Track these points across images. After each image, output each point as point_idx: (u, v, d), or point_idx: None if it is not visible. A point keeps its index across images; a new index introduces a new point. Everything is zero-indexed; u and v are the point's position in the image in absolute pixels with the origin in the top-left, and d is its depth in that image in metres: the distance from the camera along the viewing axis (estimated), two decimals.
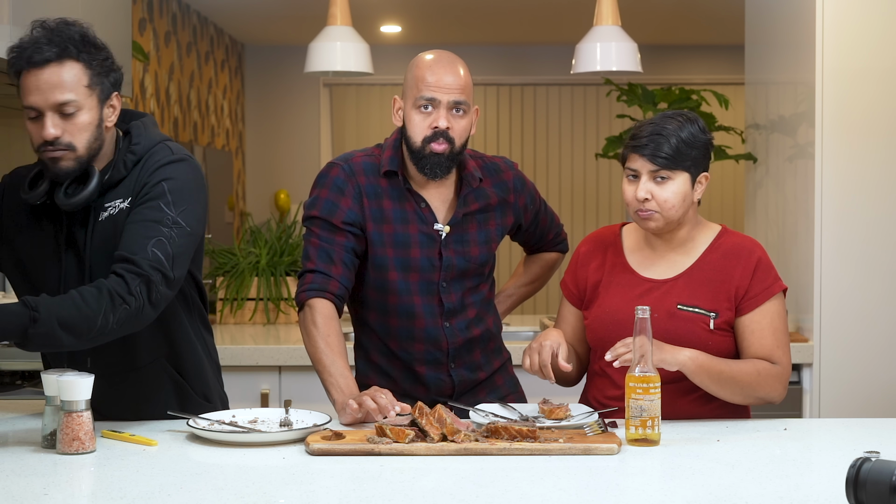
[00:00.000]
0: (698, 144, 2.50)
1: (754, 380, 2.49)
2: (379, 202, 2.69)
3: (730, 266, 2.54)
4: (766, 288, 2.53)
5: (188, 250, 2.38)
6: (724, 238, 2.59)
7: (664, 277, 2.57)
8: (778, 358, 2.52)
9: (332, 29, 4.35)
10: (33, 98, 2.30)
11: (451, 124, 2.61)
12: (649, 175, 2.48)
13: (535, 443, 2.23)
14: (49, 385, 2.28)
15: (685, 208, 2.51)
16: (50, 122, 2.30)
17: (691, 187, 2.51)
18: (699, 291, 2.53)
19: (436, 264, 2.71)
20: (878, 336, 3.86)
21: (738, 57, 5.02)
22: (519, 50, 8.08)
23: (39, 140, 2.33)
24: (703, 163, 2.52)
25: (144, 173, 2.39)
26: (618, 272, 2.61)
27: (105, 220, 2.40)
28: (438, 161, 2.62)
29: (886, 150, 3.85)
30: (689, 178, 2.50)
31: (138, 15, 5.50)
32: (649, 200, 2.48)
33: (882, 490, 1.68)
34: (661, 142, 2.47)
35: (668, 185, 2.48)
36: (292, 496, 1.95)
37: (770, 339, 2.52)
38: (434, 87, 2.60)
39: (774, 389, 2.52)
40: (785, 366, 2.53)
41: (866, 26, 3.84)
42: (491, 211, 2.78)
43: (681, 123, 2.50)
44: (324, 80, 7.87)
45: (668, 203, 2.48)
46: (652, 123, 2.51)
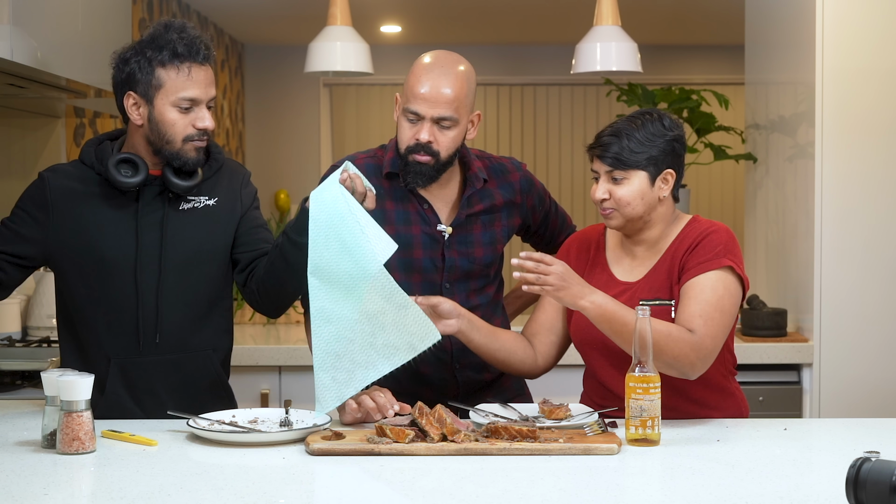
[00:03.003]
0: (658, 142, 2.51)
1: (662, 339, 2.36)
2: (381, 203, 2.68)
3: (682, 249, 2.54)
4: (703, 261, 2.49)
5: None
6: (688, 227, 2.59)
7: (635, 279, 2.59)
8: (696, 326, 2.42)
9: (332, 29, 4.35)
10: (193, 91, 2.52)
11: (434, 138, 2.60)
12: (606, 175, 2.53)
13: (535, 443, 2.23)
14: (49, 385, 2.28)
15: (645, 206, 2.53)
16: (207, 115, 2.54)
17: (650, 185, 2.52)
18: (659, 283, 2.54)
19: (438, 265, 2.70)
20: (878, 336, 3.86)
21: (738, 57, 5.02)
22: (519, 50, 8.08)
23: (192, 132, 2.53)
24: (665, 160, 2.52)
25: (237, 184, 2.68)
26: (597, 272, 2.64)
27: (187, 210, 2.60)
28: (420, 171, 2.62)
29: (886, 150, 3.85)
30: (648, 176, 2.51)
31: (138, 15, 5.50)
32: (608, 199, 2.53)
33: (882, 490, 1.68)
34: (614, 143, 2.51)
35: (624, 184, 2.51)
36: (292, 496, 1.95)
37: (694, 307, 2.44)
38: (420, 100, 2.59)
39: (685, 357, 2.39)
40: (701, 336, 2.41)
41: (866, 26, 3.84)
42: (496, 212, 2.78)
43: (641, 123, 2.52)
44: (324, 80, 7.87)
45: (623, 201, 2.51)
46: (611, 126, 2.55)
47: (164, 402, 2.56)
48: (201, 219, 2.60)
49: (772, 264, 4.34)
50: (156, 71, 2.50)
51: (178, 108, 2.51)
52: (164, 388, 2.60)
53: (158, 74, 2.50)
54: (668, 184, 2.54)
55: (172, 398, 2.58)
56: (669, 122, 2.55)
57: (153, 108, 2.51)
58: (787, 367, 3.91)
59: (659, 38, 7.54)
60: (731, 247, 2.53)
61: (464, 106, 2.61)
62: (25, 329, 3.72)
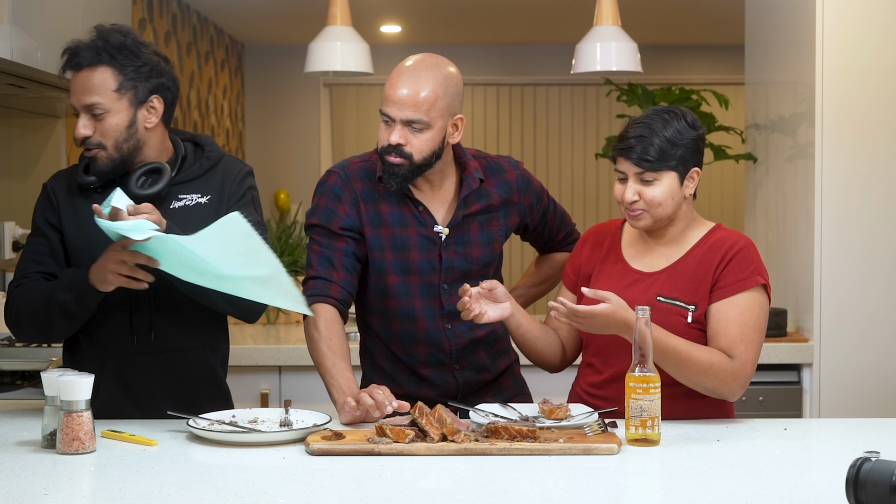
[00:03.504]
0: (685, 141, 2.51)
1: (704, 370, 2.43)
2: (376, 207, 2.69)
3: (711, 258, 2.54)
4: (740, 279, 2.50)
5: None
6: (714, 233, 2.59)
7: (651, 270, 2.58)
8: (738, 353, 2.46)
9: (332, 29, 4.35)
10: (71, 98, 2.53)
11: (405, 140, 2.60)
12: (636, 177, 2.51)
13: (535, 443, 2.23)
14: (49, 385, 2.28)
15: (675, 206, 2.53)
16: (81, 123, 2.52)
17: (680, 185, 2.52)
18: (681, 284, 2.54)
19: (436, 266, 2.71)
20: (878, 336, 3.85)
21: (738, 57, 5.02)
22: (519, 50, 8.08)
23: (78, 138, 2.53)
24: (692, 159, 2.52)
25: (230, 181, 2.65)
26: (611, 262, 2.64)
27: (178, 210, 2.58)
28: (394, 171, 2.62)
29: (886, 149, 3.85)
30: (677, 176, 2.51)
31: (138, 15, 5.50)
32: (637, 201, 2.51)
33: (882, 490, 1.68)
34: (646, 144, 2.49)
35: (655, 185, 2.50)
36: (292, 496, 1.95)
37: (734, 331, 2.47)
38: (390, 102, 2.60)
39: (727, 385, 2.46)
40: (743, 363, 2.46)
41: (866, 26, 3.84)
42: (494, 211, 2.78)
43: (667, 121, 2.51)
44: (324, 80, 7.87)
45: (655, 201, 2.50)
46: (639, 123, 2.53)
47: (160, 401, 2.56)
48: (192, 217, 2.57)
49: (772, 264, 4.34)
50: None
51: (76, 115, 2.54)
52: (160, 386, 2.60)
53: None
54: (693, 182, 2.54)
55: (169, 397, 2.58)
56: (692, 118, 2.55)
57: None
58: (787, 367, 3.91)
59: (659, 38, 7.54)
60: (760, 262, 2.55)
61: (436, 109, 2.60)
62: None
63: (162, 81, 2.57)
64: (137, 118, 2.54)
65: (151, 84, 2.55)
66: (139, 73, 2.53)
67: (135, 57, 2.53)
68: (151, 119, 2.56)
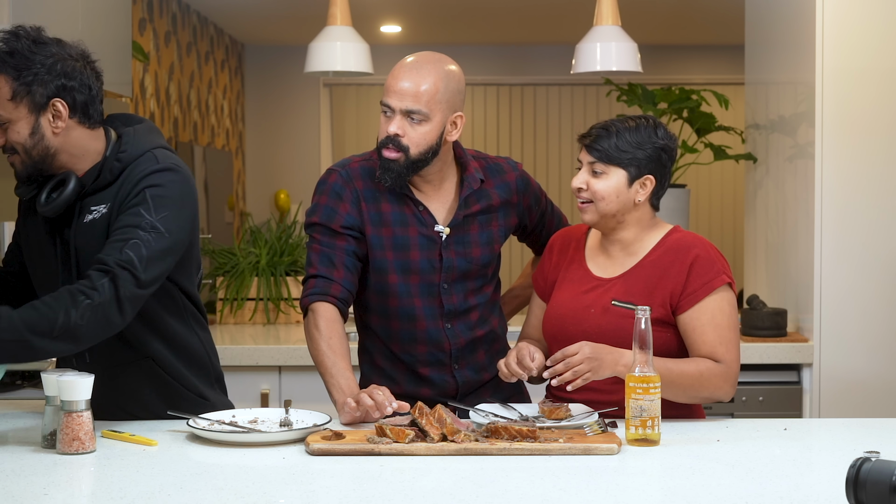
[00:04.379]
0: (648, 147, 2.55)
1: (696, 381, 2.48)
2: (377, 206, 2.69)
3: (667, 263, 2.56)
4: (703, 284, 2.52)
5: (166, 255, 2.41)
6: (669, 236, 2.62)
7: (609, 276, 2.62)
8: (721, 355, 2.50)
9: (332, 29, 4.35)
10: None
11: (403, 131, 2.60)
12: (588, 167, 2.58)
13: (535, 443, 2.23)
14: (49, 385, 2.28)
15: (620, 205, 2.56)
16: None
17: (627, 186, 2.55)
18: (636, 288, 2.57)
19: (436, 266, 2.71)
20: (878, 336, 3.85)
21: (738, 57, 5.02)
22: (519, 50, 8.09)
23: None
24: (648, 165, 2.55)
25: (128, 183, 2.44)
26: (574, 268, 2.67)
27: (88, 223, 2.46)
28: (389, 167, 2.62)
29: (886, 149, 3.85)
30: (627, 176, 2.54)
31: (138, 15, 5.50)
32: (584, 190, 2.57)
33: (882, 490, 1.68)
34: (604, 136, 2.55)
35: (602, 178, 2.55)
36: (292, 496, 1.95)
37: (711, 336, 2.51)
38: (391, 93, 2.61)
39: (720, 388, 2.50)
40: (730, 363, 2.50)
41: (866, 26, 3.84)
42: (493, 212, 2.78)
43: (636, 125, 2.57)
44: (324, 80, 7.88)
45: (598, 194, 2.55)
46: (607, 120, 2.61)
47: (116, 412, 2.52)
48: (95, 230, 2.46)
49: (772, 264, 4.34)
50: None
51: None
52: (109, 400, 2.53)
53: None
54: (645, 189, 2.56)
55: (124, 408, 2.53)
56: (663, 132, 2.58)
57: None
58: (787, 367, 3.91)
59: (659, 38, 7.54)
60: (721, 260, 2.58)
61: (437, 103, 2.60)
62: None
63: (63, 83, 2.39)
64: (41, 124, 2.40)
65: (51, 88, 2.38)
66: (36, 77, 2.36)
67: (27, 61, 2.37)
68: (58, 124, 2.40)
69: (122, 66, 3.98)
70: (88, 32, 3.48)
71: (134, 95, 5.42)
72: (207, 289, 4.70)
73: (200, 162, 6.55)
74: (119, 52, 3.92)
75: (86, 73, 2.44)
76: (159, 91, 5.89)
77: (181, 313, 2.58)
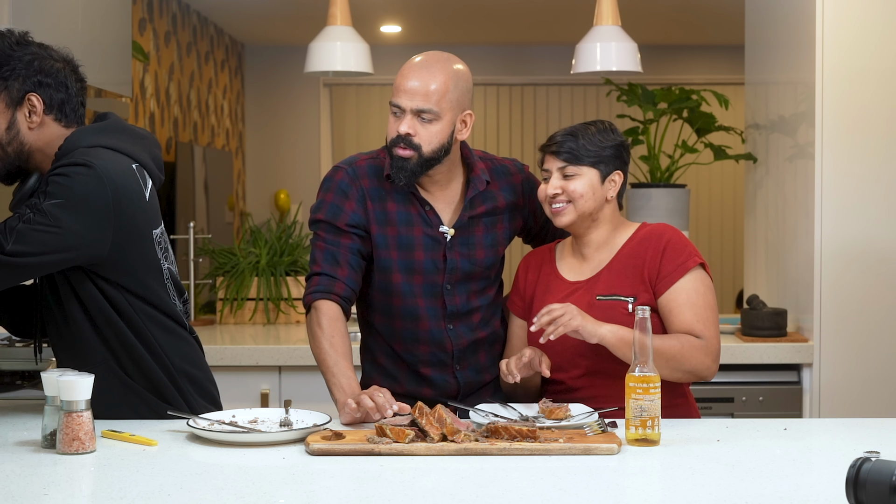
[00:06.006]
0: (609, 144, 2.64)
1: (678, 352, 2.53)
2: (383, 205, 2.69)
3: (641, 251, 2.64)
4: (678, 266, 2.60)
5: (48, 240, 2.36)
6: (639, 231, 2.70)
7: (585, 277, 2.67)
8: (700, 332, 2.57)
9: (332, 29, 4.35)
10: None
11: (414, 130, 2.60)
12: (559, 172, 2.63)
13: (535, 443, 2.23)
14: (49, 385, 2.28)
15: (596, 202, 2.63)
16: None
17: (601, 182, 2.63)
18: (617, 281, 2.63)
19: (440, 267, 2.71)
20: (878, 336, 3.85)
21: (738, 57, 5.02)
22: (519, 50, 8.09)
23: None
24: (614, 162, 2.65)
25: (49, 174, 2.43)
26: (551, 281, 2.72)
27: None
28: (402, 165, 2.62)
29: (886, 149, 3.85)
30: (599, 174, 2.63)
31: (138, 15, 5.50)
32: (560, 195, 2.62)
33: (882, 490, 1.68)
34: (569, 141, 2.63)
35: (576, 179, 2.62)
36: (292, 496, 1.95)
37: (689, 315, 2.58)
38: (401, 93, 2.61)
39: (701, 363, 2.55)
40: (709, 339, 2.57)
41: (866, 26, 3.84)
42: (499, 214, 2.78)
43: (596, 129, 2.66)
44: (324, 80, 7.88)
45: (577, 193, 2.61)
46: (565, 128, 2.67)
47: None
48: None
49: (772, 264, 4.34)
50: None
51: None
52: None
53: None
54: (615, 185, 2.65)
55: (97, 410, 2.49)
56: (618, 132, 2.70)
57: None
58: (787, 367, 3.92)
59: (659, 38, 7.54)
60: (691, 245, 2.67)
61: (447, 101, 2.61)
62: None
63: (40, 79, 2.43)
64: (17, 119, 2.44)
65: (28, 83, 2.43)
66: (13, 73, 2.42)
67: (7, 58, 2.43)
68: (33, 119, 2.44)
69: (122, 66, 3.97)
70: (88, 32, 3.48)
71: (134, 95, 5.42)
72: (207, 289, 4.70)
73: (200, 162, 6.55)
74: (119, 52, 3.92)
75: (64, 73, 2.48)
76: (159, 91, 5.89)
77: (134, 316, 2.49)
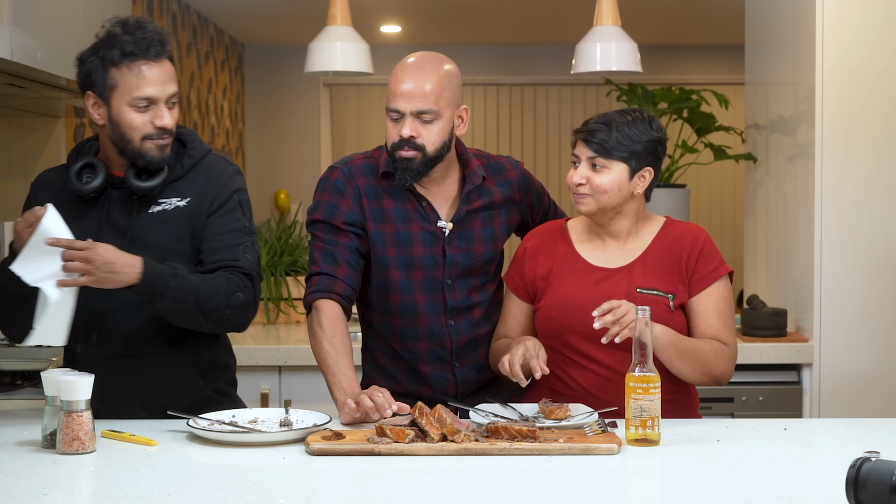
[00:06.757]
0: (643, 140, 2.59)
1: (711, 357, 2.57)
2: (379, 202, 2.69)
3: (678, 249, 2.64)
4: (711, 271, 2.62)
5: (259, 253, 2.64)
6: (670, 227, 2.69)
7: (618, 266, 2.64)
8: (726, 339, 2.62)
9: (332, 29, 4.35)
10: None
11: (417, 132, 2.61)
12: (587, 161, 2.59)
13: (535, 443, 2.23)
14: (49, 385, 2.28)
15: (621, 198, 2.59)
16: (167, 112, 2.49)
17: (629, 179, 2.59)
18: (654, 275, 2.61)
19: (439, 262, 2.71)
20: (878, 336, 3.85)
21: (738, 57, 5.02)
22: (519, 50, 8.08)
23: (151, 130, 2.49)
24: (646, 158, 2.60)
25: (213, 182, 2.57)
26: (569, 262, 2.67)
27: (156, 213, 2.54)
28: (408, 166, 2.63)
29: (886, 149, 3.85)
30: (628, 169, 2.58)
31: (138, 15, 5.49)
32: (583, 185, 2.58)
33: (882, 490, 1.68)
34: (604, 132, 2.57)
35: (604, 173, 2.58)
36: (292, 496, 1.95)
37: (717, 321, 2.61)
38: (398, 97, 2.61)
39: (727, 367, 2.62)
40: (733, 346, 2.63)
41: (866, 26, 3.84)
42: (496, 209, 2.79)
43: (632, 119, 2.60)
44: (324, 80, 7.87)
45: (600, 188, 2.57)
46: (602, 115, 2.62)
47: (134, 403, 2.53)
48: (170, 222, 2.53)
49: (772, 264, 4.34)
50: (109, 71, 2.47)
51: (134, 107, 2.47)
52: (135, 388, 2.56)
53: (111, 74, 2.47)
54: (644, 181, 2.61)
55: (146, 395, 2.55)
56: (657, 125, 2.63)
57: (111, 108, 2.48)
58: (787, 367, 3.91)
59: (659, 38, 7.54)
60: (719, 250, 2.68)
61: (443, 99, 2.62)
62: None
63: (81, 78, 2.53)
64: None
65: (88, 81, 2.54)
66: None
67: None
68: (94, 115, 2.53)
69: None
70: (88, 32, 3.46)
71: None
72: None
73: None
74: None
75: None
76: None
77: None
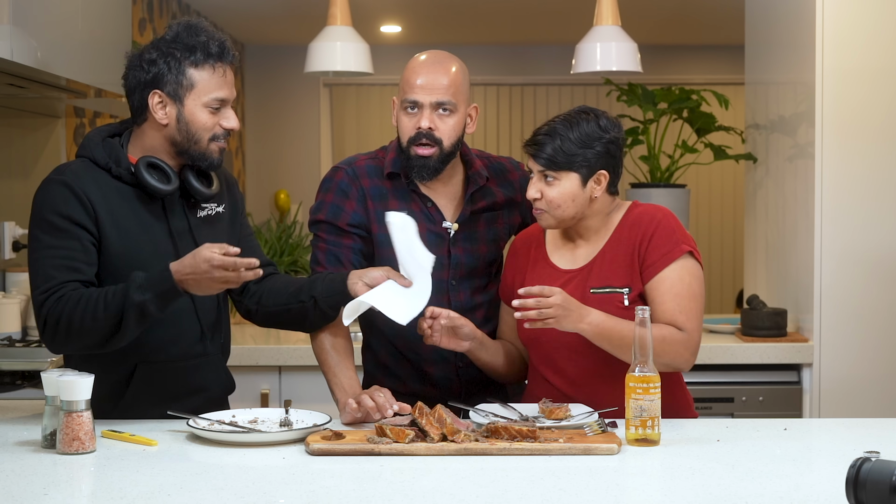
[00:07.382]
0: (593, 143, 2.52)
1: (658, 344, 2.40)
2: (384, 203, 2.69)
3: (633, 237, 2.56)
4: (664, 254, 2.52)
5: None
6: (631, 212, 2.60)
7: (579, 266, 2.60)
8: (682, 323, 2.49)
9: (332, 29, 4.35)
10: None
11: (435, 125, 2.61)
12: (539, 175, 2.54)
13: (535, 443, 2.23)
14: (49, 385, 2.28)
15: (577, 207, 2.54)
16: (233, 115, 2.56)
17: (582, 187, 2.53)
18: (610, 271, 2.56)
19: (444, 262, 2.71)
20: (878, 336, 3.85)
21: (738, 57, 5.02)
22: (519, 50, 8.08)
23: (219, 131, 2.53)
24: (599, 162, 2.53)
25: (234, 187, 2.70)
26: (539, 267, 2.66)
27: (204, 217, 2.58)
28: (424, 164, 2.62)
29: (886, 149, 3.85)
30: (580, 178, 2.52)
31: (138, 15, 5.50)
32: (539, 199, 2.54)
33: (882, 490, 1.68)
34: (548, 143, 2.51)
35: (554, 185, 2.53)
36: (292, 496, 1.95)
37: (671, 305, 2.50)
38: (418, 89, 2.61)
39: (680, 356, 2.49)
40: (691, 331, 2.49)
41: (866, 26, 3.84)
42: (499, 209, 2.79)
43: (576, 123, 2.54)
44: (324, 80, 7.87)
45: (554, 202, 2.53)
46: (547, 124, 2.56)
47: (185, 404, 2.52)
48: (217, 226, 2.59)
49: (772, 264, 4.34)
50: (187, 71, 2.48)
51: (209, 108, 2.50)
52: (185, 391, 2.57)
53: (190, 74, 2.48)
54: (600, 185, 2.55)
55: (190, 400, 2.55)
56: (606, 122, 2.56)
57: (183, 107, 2.48)
58: (787, 367, 3.91)
59: (659, 38, 7.54)
60: (682, 230, 2.57)
61: (461, 93, 2.63)
62: (25, 329, 3.72)
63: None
64: None
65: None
66: None
67: None
68: None
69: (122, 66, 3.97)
70: (88, 32, 3.48)
71: None
72: None
73: None
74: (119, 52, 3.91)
75: None
76: None
77: None
